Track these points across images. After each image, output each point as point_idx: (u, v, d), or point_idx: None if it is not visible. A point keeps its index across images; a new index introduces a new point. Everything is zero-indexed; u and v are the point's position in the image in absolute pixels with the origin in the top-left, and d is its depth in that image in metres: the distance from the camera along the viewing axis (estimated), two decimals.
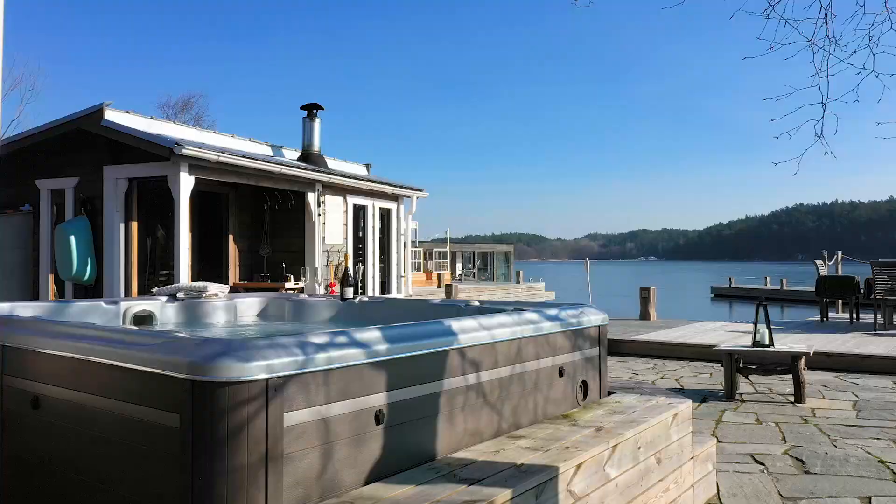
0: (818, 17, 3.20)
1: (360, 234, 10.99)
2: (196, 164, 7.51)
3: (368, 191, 10.87)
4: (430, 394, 2.88)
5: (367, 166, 12.67)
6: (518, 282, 38.03)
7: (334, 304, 5.51)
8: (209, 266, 10.09)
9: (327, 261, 10.03)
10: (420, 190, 11.89)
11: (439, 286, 33.15)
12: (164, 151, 7.11)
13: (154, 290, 5.63)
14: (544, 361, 3.62)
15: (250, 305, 5.99)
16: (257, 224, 10.25)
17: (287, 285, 9.46)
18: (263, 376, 2.24)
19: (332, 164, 11.26)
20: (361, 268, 10.00)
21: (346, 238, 10.45)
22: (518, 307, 4.38)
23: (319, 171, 9.45)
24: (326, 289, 10.00)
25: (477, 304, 4.80)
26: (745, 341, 10.25)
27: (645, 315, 14.32)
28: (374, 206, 11.15)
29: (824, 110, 3.33)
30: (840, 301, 15.04)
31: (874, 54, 3.26)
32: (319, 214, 9.75)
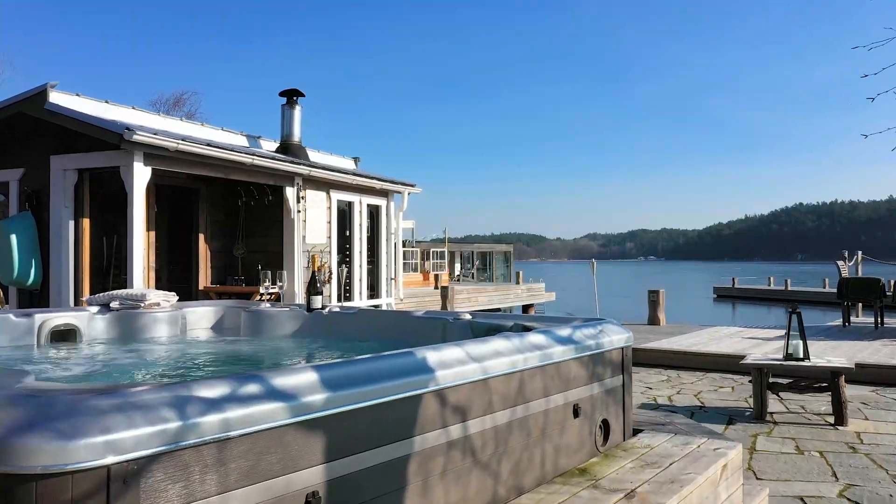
0: None
1: (347, 234, 10.09)
2: (154, 154, 6.62)
3: (355, 186, 9.98)
4: (394, 459, 1.99)
5: (356, 160, 11.78)
6: (518, 282, 37.13)
7: (298, 316, 4.62)
8: (180, 268, 9.20)
9: (308, 262, 9.14)
10: (412, 185, 11.00)
11: (436, 287, 32.24)
12: (114, 138, 6.22)
13: (85, 298, 4.74)
14: (555, 399, 2.73)
15: (203, 316, 5.09)
16: (231, 222, 9.35)
17: (262, 289, 8.57)
18: (102, 461, 1.37)
19: (315, 156, 10.37)
20: (346, 270, 9.11)
21: (329, 237, 9.56)
22: (519, 322, 3.49)
23: (298, 164, 8.56)
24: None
25: (468, 317, 3.91)
26: (768, 350, 9.38)
27: (654, 319, 13.43)
28: (361, 203, 10.26)
29: None
30: (861, 304, 14.17)
31: None
32: (299, 211, 8.86)
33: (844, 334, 11.38)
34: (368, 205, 10.51)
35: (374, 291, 10.75)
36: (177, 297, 5.04)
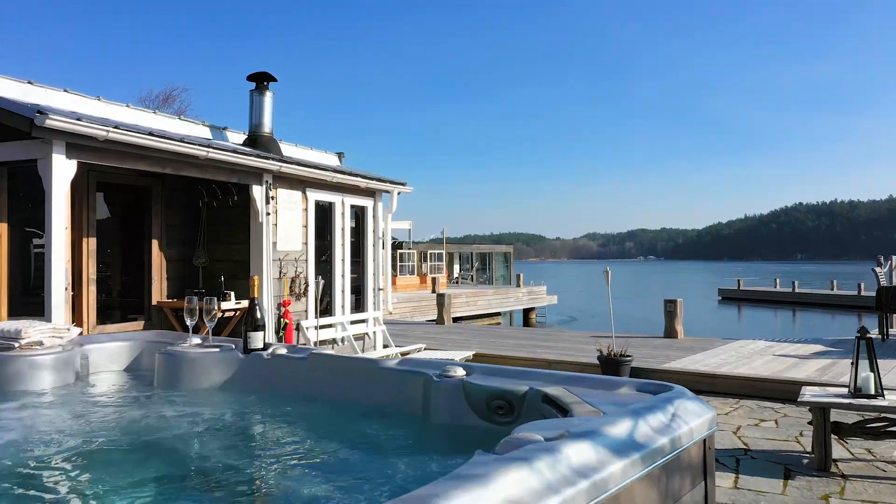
0: None
1: (327, 238, 8.86)
2: (79, 144, 5.39)
3: (336, 184, 8.74)
4: None
5: (339, 155, 10.55)
6: (518, 285, 35.86)
7: (229, 360, 3.39)
8: (134, 279, 7.96)
9: (280, 273, 7.91)
10: (402, 184, 9.78)
11: (433, 291, 30.99)
12: (23, 123, 4.99)
13: None
14: None
15: (112, 355, 3.86)
16: (191, 227, 8.11)
17: (226, 305, 7.33)
18: None
19: (290, 150, 9.14)
20: (321, 283, 7.87)
21: (305, 243, 8.33)
22: (539, 388, 2.27)
23: (266, 158, 7.33)
24: (280, 310, 7.88)
25: (461, 373, 2.69)
26: (810, 373, 8.15)
27: (671, 331, 12.22)
28: (343, 204, 9.03)
29: None
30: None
31: None
32: (269, 213, 7.63)
33: (887, 351, 10.16)
34: (352, 206, 9.29)
35: (359, 304, 9.52)
36: (79, 331, 3.81)
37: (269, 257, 7.67)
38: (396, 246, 37.36)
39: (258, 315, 3.50)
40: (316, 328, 8.38)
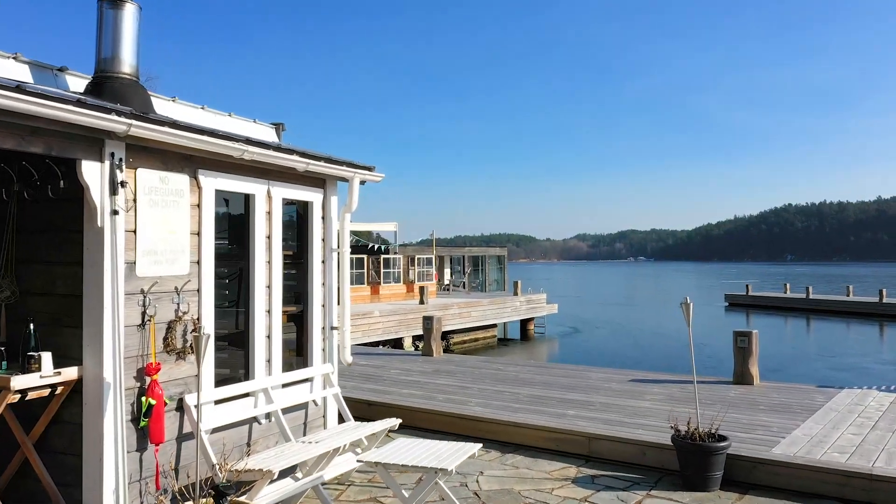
0: None
1: (243, 253, 5.50)
2: None
3: (255, 165, 5.42)
4: None
5: (277, 127, 7.19)
6: (516, 292, 32.48)
7: None
8: None
9: (144, 315, 4.53)
10: (367, 168, 6.45)
11: (422, 302, 27.55)
12: None
13: None
14: None
15: None
16: None
17: (26, 380, 3.97)
18: None
19: (179, 111, 5.77)
20: (206, 337, 4.42)
21: (197, 262, 4.97)
22: None
23: (107, 111, 3.97)
24: (141, 381, 4.49)
25: None
26: None
27: (744, 375, 8.90)
28: (271, 197, 5.67)
29: None
30: None
31: None
32: (116, 211, 4.27)
33: None
34: (288, 200, 5.94)
35: (300, 352, 6.17)
36: None
37: (115, 289, 4.29)
38: (381, 250, 33.88)
39: None
40: (215, 404, 5.02)
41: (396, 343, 24.36)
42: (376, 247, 33.99)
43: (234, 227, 5.50)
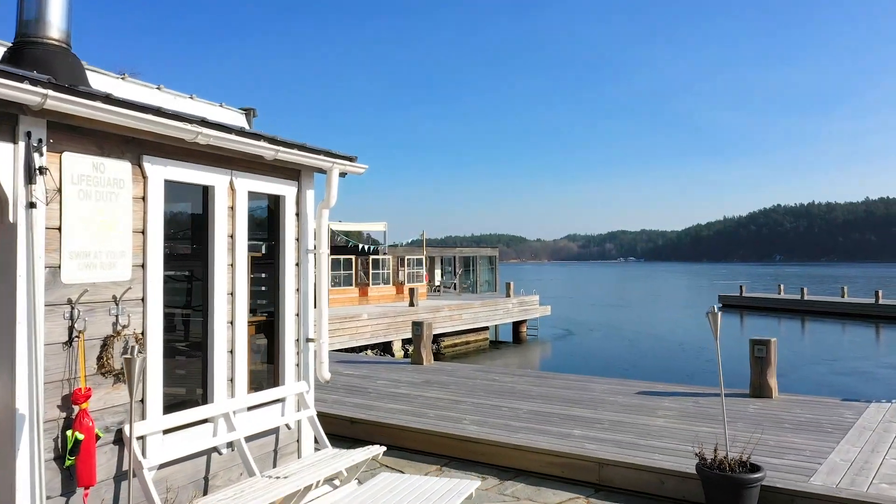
0: None
1: (199, 254, 4.72)
2: None
3: (218, 152, 4.64)
4: None
5: (247, 113, 6.42)
6: (508, 294, 31.73)
7: None
8: None
9: (71, 334, 3.75)
10: (347, 158, 5.69)
11: (412, 304, 26.74)
12: None
13: None
14: None
15: None
16: None
17: None
18: None
19: (130, 88, 4.99)
20: (140, 359, 3.66)
21: (142, 265, 4.20)
22: None
23: (20, 79, 3.18)
24: (67, 411, 3.70)
25: None
26: None
27: (762, 388, 8.19)
28: (234, 189, 4.89)
29: None
30: None
31: None
32: (33, 204, 3.49)
33: None
34: (254, 192, 5.15)
35: (270, 374, 5.39)
36: None
37: (32, 298, 3.50)
38: (370, 251, 33.04)
39: None
40: (164, 434, 4.23)
41: (385, 347, 23.55)
42: (365, 247, 33.15)
43: (192, 224, 4.72)
